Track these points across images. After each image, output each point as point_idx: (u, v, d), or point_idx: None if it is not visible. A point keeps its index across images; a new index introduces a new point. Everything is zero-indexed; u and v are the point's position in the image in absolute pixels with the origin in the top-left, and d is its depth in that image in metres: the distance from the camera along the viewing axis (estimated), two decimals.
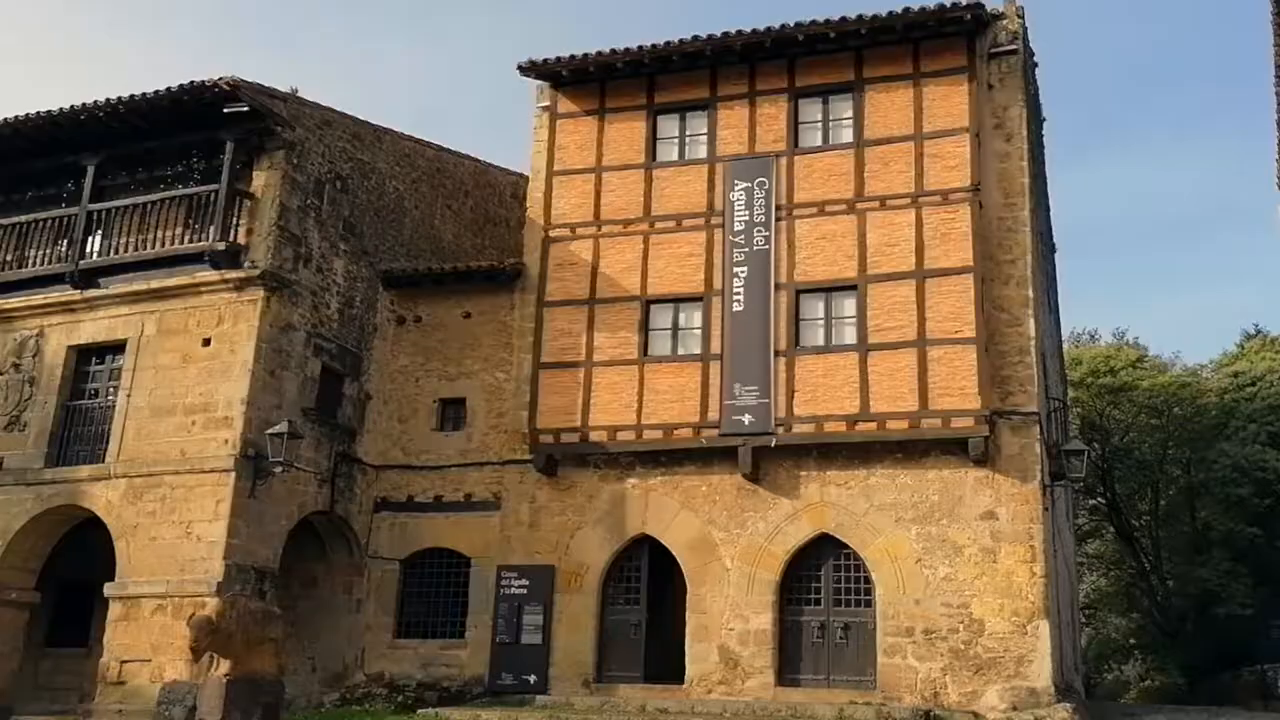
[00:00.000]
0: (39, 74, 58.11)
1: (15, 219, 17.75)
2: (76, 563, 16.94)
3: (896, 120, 16.62)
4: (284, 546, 16.02)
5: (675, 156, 17.74)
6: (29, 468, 16.21)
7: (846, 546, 15.49)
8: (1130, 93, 70.08)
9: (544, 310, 17.51)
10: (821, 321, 16.27)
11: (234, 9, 61.18)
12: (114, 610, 15.15)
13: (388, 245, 18.82)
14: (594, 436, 16.67)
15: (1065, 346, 29.89)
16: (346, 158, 17.87)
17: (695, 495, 16.24)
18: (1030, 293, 15.86)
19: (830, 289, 16.29)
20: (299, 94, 16.77)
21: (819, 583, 15.63)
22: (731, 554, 15.81)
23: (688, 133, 17.83)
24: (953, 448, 15.20)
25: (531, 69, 18.05)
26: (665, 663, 16.00)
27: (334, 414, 17.17)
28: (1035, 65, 18.13)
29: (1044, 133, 20.14)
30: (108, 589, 15.30)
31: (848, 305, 16.18)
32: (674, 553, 16.20)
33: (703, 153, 17.55)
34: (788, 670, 15.24)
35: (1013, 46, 16.82)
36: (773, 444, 15.75)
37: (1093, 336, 36.79)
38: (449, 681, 16.34)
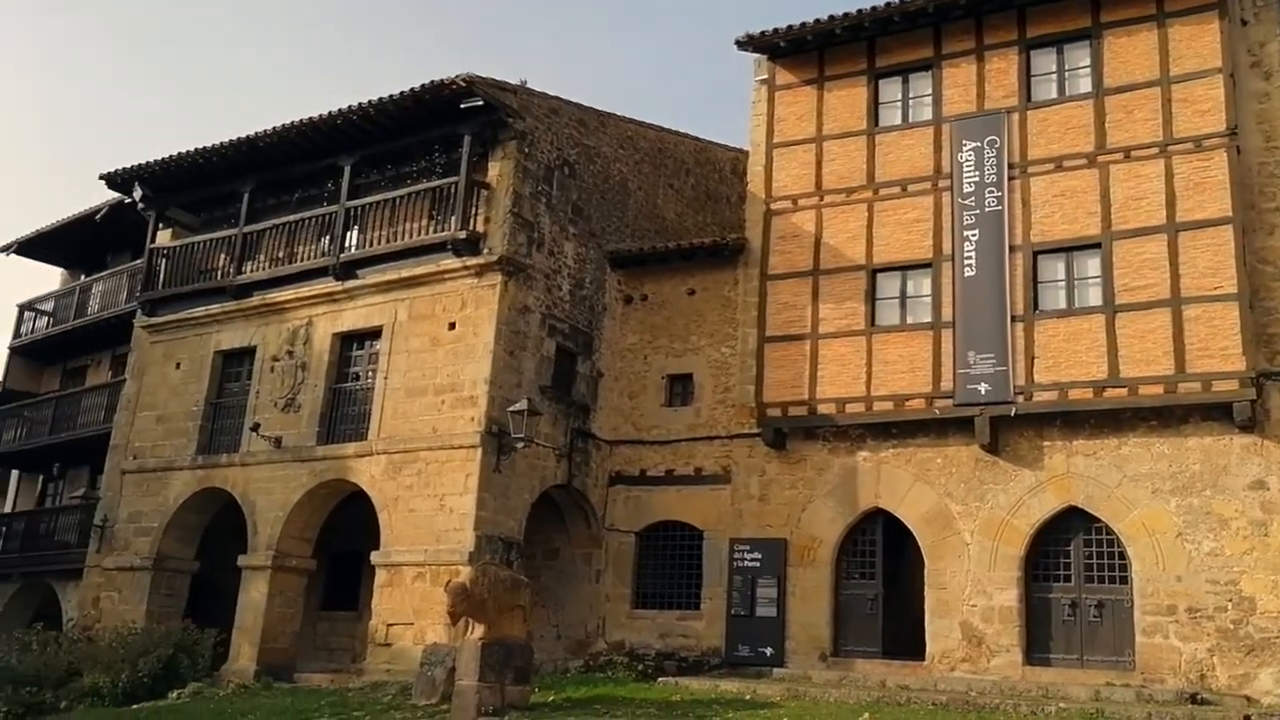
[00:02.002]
0: (292, 85, 63.11)
1: (285, 219, 19.38)
2: (345, 533, 18.40)
3: (1139, 65, 15.55)
4: (527, 518, 16.80)
5: (898, 120, 17.31)
6: (303, 445, 17.72)
7: (1098, 520, 14.70)
8: None
9: (767, 284, 17.52)
10: (1062, 283, 15.48)
11: (454, 5, 64.16)
12: (379, 577, 16.35)
13: (613, 226, 19.33)
14: (822, 409, 16.56)
15: None
16: (573, 144, 18.47)
17: (930, 467, 15.85)
18: None
19: (1071, 248, 15.46)
20: (528, 85, 17.45)
21: (1068, 558, 14.91)
22: (971, 528, 15.34)
23: (911, 95, 17.34)
24: (1215, 413, 14.13)
25: (749, 42, 18.03)
26: (903, 638, 15.75)
27: (568, 391, 17.83)
28: None
29: None
30: (374, 557, 16.50)
31: (1091, 265, 15.31)
32: (909, 526, 15.89)
33: (928, 114, 17.02)
34: (1036, 649, 14.67)
35: None
36: (1012, 413, 15.14)
37: None
38: (686, 652, 16.65)
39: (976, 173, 16.18)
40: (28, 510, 25.49)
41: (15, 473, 26.64)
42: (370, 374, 17.67)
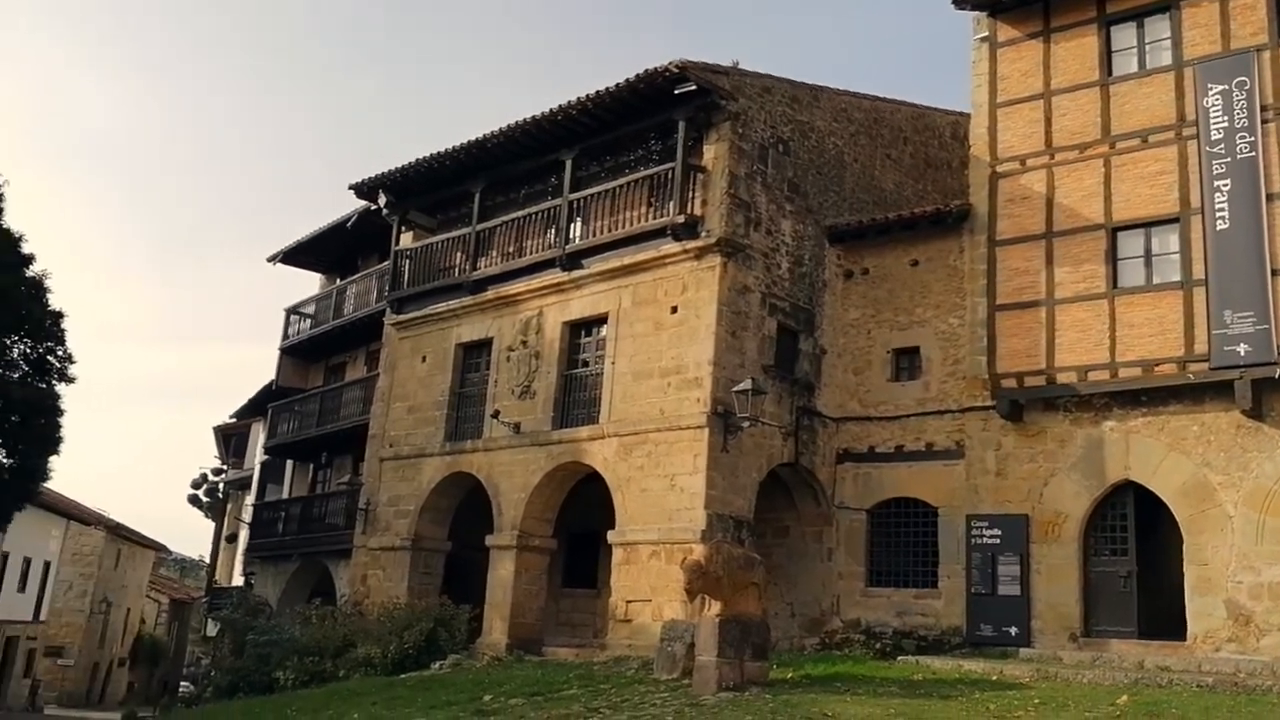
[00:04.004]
0: (519, 85, 65.67)
1: (513, 215, 20.30)
2: (582, 513, 19.16)
3: None
4: (755, 497, 16.91)
5: (1135, 68, 16.23)
6: (540, 430, 18.55)
7: None
8: None
9: (995, 250, 16.88)
10: None
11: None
12: (616, 555, 16.90)
13: (830, 201, 19.10)
14: (1061, 378, 15.82)
15: None
16: (786, 120, 18.36)
17: (1184, 436, 14.84)
18: None
19: None
20: (739, 66, 17.49)
21: None
22: (1233, 499, 14.27)
23: (1147, 40, 16.24)
24: None
25: (967, 0, 17.36)
26: (1160, 618, 14.88)
27: (791, 369, 17.81)
28: None
29: None
30: (610, 536, 17.07)
31: None
32: (1163, 499, 14.95)
33: (1167, 59, 15.87)
34: None
35: None
36: (1277, 375, 13.97)
37: None
38: (925, 630, 16.32)
39: (1225, 118, 14.95)
40: (302, 496, 28.03)
41: (290, 462, 29.34)
42: (598, 359, 18.27)
